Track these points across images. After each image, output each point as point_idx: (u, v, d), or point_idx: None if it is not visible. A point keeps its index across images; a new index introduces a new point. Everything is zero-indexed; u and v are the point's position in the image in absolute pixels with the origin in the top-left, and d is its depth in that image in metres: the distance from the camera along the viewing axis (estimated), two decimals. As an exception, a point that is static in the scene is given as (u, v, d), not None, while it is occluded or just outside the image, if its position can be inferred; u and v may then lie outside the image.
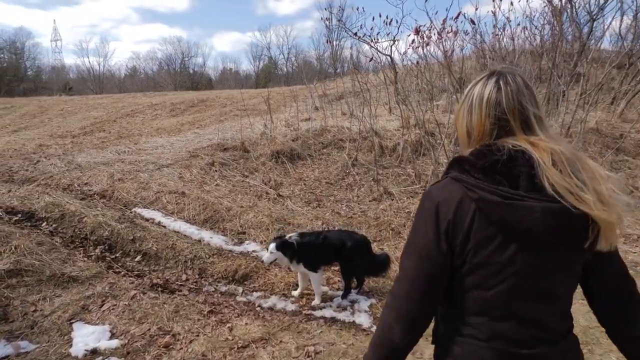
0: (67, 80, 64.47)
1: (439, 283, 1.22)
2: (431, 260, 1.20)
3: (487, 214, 1.12)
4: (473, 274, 1.17)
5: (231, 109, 16.55)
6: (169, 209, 6.32)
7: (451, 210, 1.16)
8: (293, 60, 66.93)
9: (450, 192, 1.19)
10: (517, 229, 1.10)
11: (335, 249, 4.59)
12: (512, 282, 1.15)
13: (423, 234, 1.22)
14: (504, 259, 1.13)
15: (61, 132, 13.05)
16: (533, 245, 1.13)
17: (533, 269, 1.14)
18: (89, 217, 5.60)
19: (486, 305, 1.18)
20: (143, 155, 8.42)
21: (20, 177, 7.23)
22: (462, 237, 1.15)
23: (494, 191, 1.11)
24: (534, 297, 1.16)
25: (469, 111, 1.27)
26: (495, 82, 1.23)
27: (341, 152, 9.03)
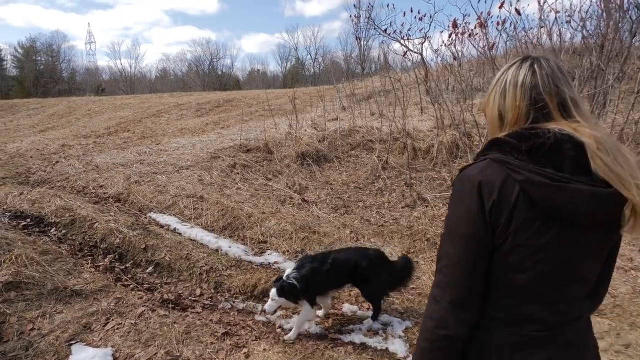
0: (100, 81, 65.98)
1: (485, 265, 1.19)
2: (478, 241, 1.17)
3: (533, 196, 1.10)
4: (510, 256, 1.15)
5: (257, 109, 16.19)
6: (186, 215, 5.90)
7: (495, 191, 1.13)
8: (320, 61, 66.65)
9: (492, 174, 1.15)
10: (562, 212, 1.09)
11: (349, 271, 3.96)
12: (547, 265, 1.14)
13: (467, 217, 1.18)
14: (542, 242, 1.12)
15: (86, 132, 12.93)
16: (573, 229, 1.12)
17: (569, 253, 1.14)
18: (101, 223, 5.22)
19: (519, 288, 1.17)
20: (163, 157, 8.07)
21: (37, 178, 6.96)
22: (506, 218, 1.13)
23: (541, 173, 1.09)
24: (566, 280, 1.17)
25: (502, 94, 1.24)
26: (530, 66, 1.21)
27: (371, 154, 8.47)
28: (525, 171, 1.11)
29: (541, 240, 1.12)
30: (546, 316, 1.18)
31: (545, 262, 1.14)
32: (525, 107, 1.20)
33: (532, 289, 1.17)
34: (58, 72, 63.83)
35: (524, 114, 1.20)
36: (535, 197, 1.10)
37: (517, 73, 1.22)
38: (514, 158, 1.14)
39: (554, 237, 1.12)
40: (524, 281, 1.16)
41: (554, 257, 1.14)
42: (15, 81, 60.86)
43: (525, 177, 1.10)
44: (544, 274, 1.15)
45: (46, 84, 59.74)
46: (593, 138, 1.10)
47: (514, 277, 1.17)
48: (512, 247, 1.15)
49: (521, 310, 1.19)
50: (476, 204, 1.16)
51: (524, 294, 1.18)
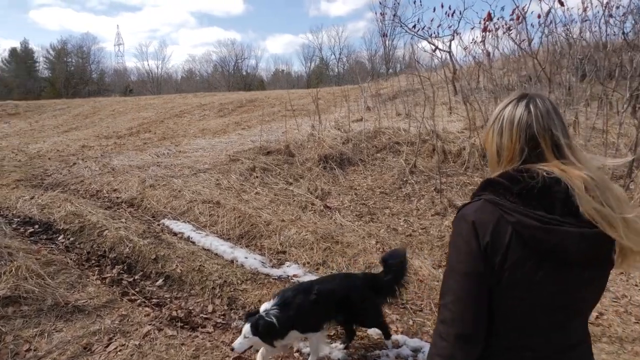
0: (128, 82, 67.08)
1: (485, 300, 1.22)
2: (477, 278, 1.20)
3: (524, 237, 1.15)
4: (508, 291, 1.19)
5: (279, 109, 15.86)
6: (200, 222, 5.56)
7: (488, 232, 1.18)
8: (344, 61, 66.19)
9: (485, 214, 1.20)
10: (553, 252, 1.14)
11: (336, 304, 3.33)
12: (544, 299, 1.19)
13: (465, 254, 1.22)
14: (537, 278, 1.16)
15: (108, 132, 12.84)
16: (565, 267, 1.16)
17: (564, 288, 1.18)
18: (110, 230, 4.93)
19: (520, 321, 1.22)
20: (181, 159, 7.79)
21: (52, 180, 6.76)
22: (500, 257, 1.17)
23: (531, 215, 1.14)
24: (565, 314, 1.22)
25: (499, 133, 1.28)
26: (525, 105, 1.25)
27: (397, 157, 7.99)
28: (516, 213, 1.15)
29: (535, 276, 1.16)
30: (546, 343, 1.23)
31: (542, 296, 1.18)
32: (520, 147, 1.24)
33: (531, 319, 1.21)
34: (87, 73, 65.20)
35: (517, 153, 1.24)
36: (526, 237, 1.14)
37: (514, 112, 1.26)
38: (506, 199, 1.19)
39: (547, 273, 1.16)
40: (523, 312, 1.21)
41: (549, 291, 1.18)
42: (47, 82, 62.40)
43: (517, 219, 1.15)
44: (541, 306, 1.20)
45: (76, 85, 61.05)
46: (581, 179, 1.13)
47: (514, 308, 1.21)
48: (509, 283, 1.18)
49: (522, 338, 1.23)
50: (473, 243, 1.20)
51: (525, 326, 1.23)
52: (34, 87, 59.00)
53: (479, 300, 1.22)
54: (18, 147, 10.75)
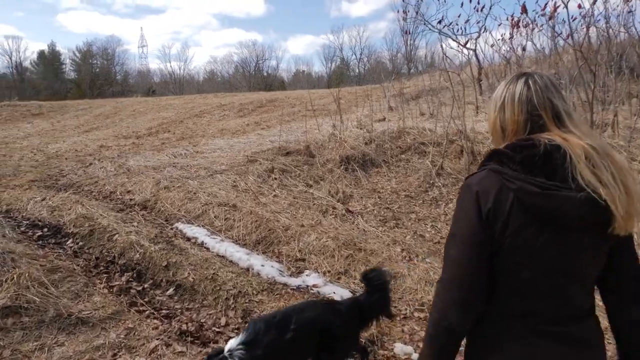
0: (151, 83, 67.95)
1: (484, 266, 1.25)
2: (475, 245, 1.24)
3: (525, 203, 1.18)
4: (510, 257, 1.22)
5: (299, 109, 15.58)
6: (215, 226, 5.28)
7: (490, 199, 1.21)
8: (365, 61, 65.73)
9: (489, 183, 1.24)
10: (553, 217, 1.17)
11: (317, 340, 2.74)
12: (545, 264, 1.21)
13: (466, 222, 1.26)
14: (538, 244, 1.19)
15: (127, 132, 12.75)
16: (565, 231, 1.19)
17: (564, 253, 1.20)
18: (121, 234, 4.68)
19: (521, 286, 1.24)
20: (197, 159, 7.54)
21: (66, 181, 6.59)
22: (501, 224, 1.20)
23: (532, 182, 1.17)
24: (565, 278, 1.23)
25: (502, 109, 1.33)
26: (524, 82, 1.30)
27: (423, 158, 7.58)
28: (518, 180, 1.19)
29: (537, 242, 1.19)
30: (549, 311, 1.24)
31: (543, 262, 1.21)
32: (523, 119, 1.28)
33: (534, 285, 1.23)
34: (112, 75, 66.33)
35: (521, 126, 1.28)
36: (527, 203, 1.18)
37: (514, 89, 1.30)
38: (509, 168, 1.23)
39: (548, 239, 1.19)
40: (525, 279, 1.23)
41: (550, 256, 1.20)
42: (73, 83, 63.67)
43: (518, 186, 1.19)
44: (543, 272, 1.22)
45: (101, 86, 62.12)
46: (581, 147, 1.17)
47: (517, 275, 1.23)
48: (511, 249, 1.22)
49: (523, 303, 1.25)
50: (474, 211, 1.24)
51: (527, 290, 1.24)
52: (61, 89, 60.23)
53: (477, 267, 1.24)
54: (38, 146, 10.72)
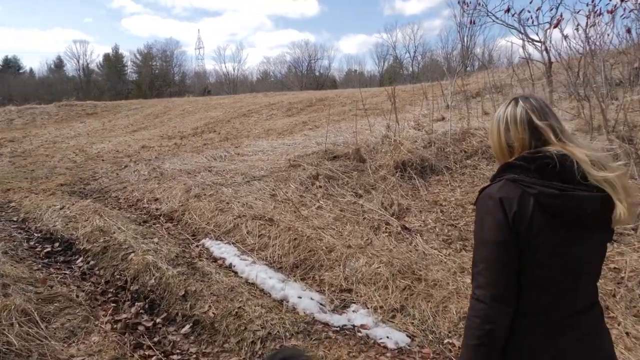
0: (206, 84, 69.51)
1: (516, 265, 1.33)
2: (507, 245, 1.33)
3: (545, 206, 1.30)
4: (533, 255, 1.32)
5: (350, 109, 14.67)
6: (247, 244, 4.51)
7: (514, 204, 1.32)
8: (419, 59, 63.87)
9: (509, 191, 1.35)
10: (571, 216, 1.30)
11: None
12: (563, 261, 1.33)
13: (495, 225, 1.34)
14: (557, 242, 1.32)
15: (172, 132, 12.40)
16: (580, 230, 1.33)
17: (578, 250, 1.34)
18: (137, 253, 4.01)
19: (541, 284, 1.34)
20: (236, 163, 6.85)
21: (94, 186, 6.10)
22: (526, 226, 1.31)
23: (550, 185, 1.31)
24: (579, 273, 1.36)
25: (506, 129, 1.47)
26: (522, 105, 1.46)
27: (492, 165, 6.48)
28: (537, 186, 1.32)
29: (555, 240, 1.31)
30: (564, 305, 1.35)
31: (560, 258, 1.33)
32: (528, 136, 1.42)
33: (552, 282, 1.33)
34: (170, 76, 68.54)
35: (527, 142, 1.42)
36: (547, 206, 1.30)
37: (514, 111, 1.46)
38: (525, 176, 1.35)
39: (565, 237, 1.32)
40: (545, 275, 1.33)
41: (566, 254, 1.33)
42: (134, 84, 66.33)
43: (538, 191, 1.31)
44: (561, 269, 1.33)
45: (159, 87, 64.26)
46: (584, 154, 1.33)
47: (538, 272, 1.33)
48: (534, 248, 1.32)
49: (545, 300, 1.34)
50: (502, 215, 1.32)
51: (545, 287, 1.34)
52: (123, 89, 62.88)
53: (508, 265, 1.33)
54: (82, 146, 10.54)
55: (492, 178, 1.45)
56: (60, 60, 68.20)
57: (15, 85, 55.58)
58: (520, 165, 1.37)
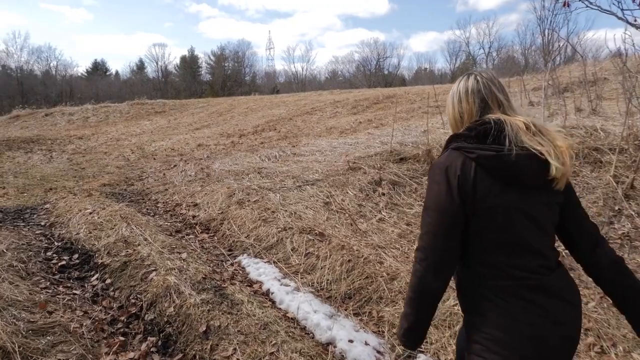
0: (276, 84, 70.65)
1: (457, 232, 1.40)
2: (448, 212, 1.39)
3: (486, 167, 1.37)
4: (482, 218, 1.38)
5: (420, 106, 13.52)
6: (291, 264, 3.73)
7: (458, 169, 1.39)
8: (494, 56, 60.49)
9: (453, 159, 1.42)
10: (509, 175, 1.36)
11: None
12: (514, 220, 1.37)
13: (437, 192, 1.42)
14: (505, 202, 1.36)
15: (232, 130, 12.01)
16: (525, 190, 1.38)
17: (528, 209, 1.38)
18: (159, 272, 3.36)
19: (497, 243, 1.39)
20: (289, 164, 6.12)
21: (137, 188, 5.68)
22: (471, 189, 1.37)
23: (487, 148, 1.38)
24: (533, 232, 1.39)
25: (459, 101, 1.55)
26: (474, 78, 1.55)
27: (599, 172, 5.21)
28: (476, 150, 1.39)
29: (503, 201, 1.36)
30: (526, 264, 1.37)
31: (513, 218, 1.36)
32: (476, 107, 1.51)
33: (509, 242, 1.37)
34: (241, 76, 70.47)
35: (475, 112, 1.51)
36: (487, 167, 1.37)
37: (467, 84, 1.54)
38: (467, 144, 1.42)
39: (510, 198, 1.36)
40: (499, 236, 1.37)
41: (516, 214, 1.36)
42: (207, 85, 68.86)
43: (477, 154, 1.38)
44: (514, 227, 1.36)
45: (231, 87, 66.18)
46: (520, 122, 1.41)
47: (489, 234, 1.38)
48: (482, 211, 1.37)
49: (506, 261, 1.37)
50: (445, 183, 1.40)
51: (504, 247, 1.38)
52: (197, 90, 65.40)
53: (450, 233, 1.39)
54: (142, 144, 10.39)
55: (442, 150, 1.53)
56: (141, 62, 72.49)
57: (102, 86, 59.72)
58: (464, 134, 1.45)
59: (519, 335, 1.33)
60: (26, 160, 8.95)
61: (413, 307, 1.47)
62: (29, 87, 59.14)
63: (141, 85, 62.04)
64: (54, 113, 20.01)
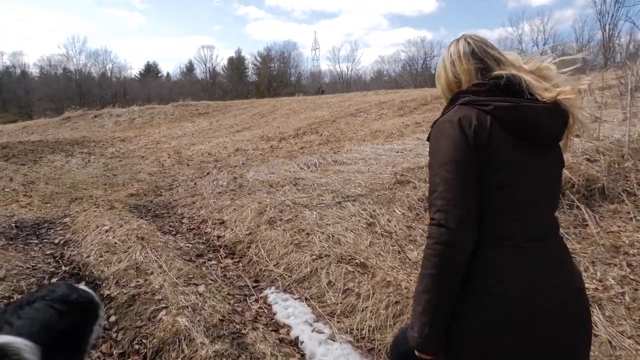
0: (321, 84, 70.60)
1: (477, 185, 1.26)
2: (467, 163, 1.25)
3: (502, 119, 1.27)
4: (494, 175, 1.26)
5: (473, 107, 12.58)
6: (326, 303, 3.12)
7: (474, 120, 1.27)
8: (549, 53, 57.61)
9: (465, 111, 1.30)
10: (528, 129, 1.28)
11: None
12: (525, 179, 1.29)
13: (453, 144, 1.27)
14: (519, 158, 1.28)
15: (274, 133, 11.57)
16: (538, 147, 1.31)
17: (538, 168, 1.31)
18: (170, 310, 2.85)
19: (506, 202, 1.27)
20: (329, 174, 5.52)
21: (164, 199, 5.28)
22: (486, 140, 1.26)
23: (504, 99, 1.30)
24: (540, 194, 1.32)
25: (452, 64, 1.47)
26: (464, 41, 1.48)
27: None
28: (491, 101, 1.29)
29: (515, 157, 1.27)
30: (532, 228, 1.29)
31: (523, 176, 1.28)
32: (473, 67, 1.42)
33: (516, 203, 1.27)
34: (287, 77, 71.02)
35: (473, 73, 1.42)
36: (504, 119, 1.27)
37: (457, 47, 1.47)
38: (479, 97, 1.33)
39: (524, 154, 1.28)
40: (508, 196, 1.27)
41: (528, 171, 1.29)
42: (253, 85, 69.82)
43: (493, 106, 1.28)
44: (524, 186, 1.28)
45: (277, 87, 66.75)
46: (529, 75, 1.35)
47: (501, 192, 1.27)
48: (495, 166, 1.26)
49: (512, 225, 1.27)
50: (459, 133, 1.27)
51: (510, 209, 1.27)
52: (243, 90, 66.39)
53: (470, 185, 1.25)
54: (180, 148, 10.14)
55: (444, 110, 1.42)
56: (190, 64, 74.47)
57: (153, 88, 61.82)
58: (473, 90, 1.36)
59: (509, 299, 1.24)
60: (63, 164, 8.88)
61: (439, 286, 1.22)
62: (86, 89, 62.10)
63: (190, 86, 63.66)
64: (102, 114, 20.44)
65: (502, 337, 1.22)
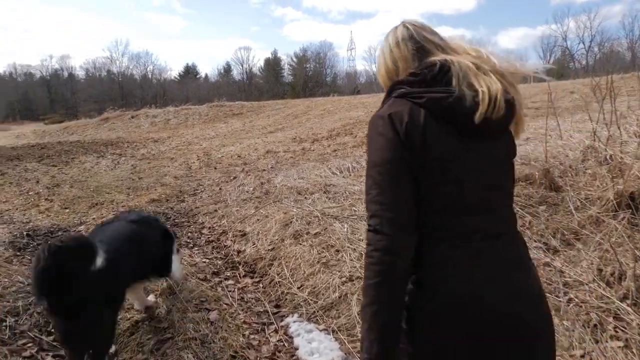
0: (357, 84, 70.13)
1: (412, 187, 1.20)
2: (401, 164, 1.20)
3: (435, 111, 1.20)
4: (434, 170, 1.21)
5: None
6: (356, 337, 2.67)
7: (405, 117, 1.21)
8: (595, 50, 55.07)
9: (398, 106, 1.24)
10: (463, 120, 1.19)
11: None
12: (468, 174, 1.22)
13: (386, 145, 1.21)
14: (457, 152, 1.20)
15: (306, 134, 11.19)
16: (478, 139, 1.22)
17: (482, 161, 1.24)
18: (177, 343, 2.46)
19: (450, 199, 1.21)
20: (363, 180, 5.05)
21: (184, 206, 5.01)
22: (419, 137, 1.20)
23: (437, 90, 1.22)
24: (489, 189, 1.25)
25: (391, 51, 1.39)
26: (403, 26, 1.41)
27: None
28: (424, 94, 1.22)
29: (453, 150, 1.19)
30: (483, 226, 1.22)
31: (465, 170, 1.21)
32: (410, 54, 1.35)
33: (464, 200, 1.21)
34: (322, 77, 71.00)
35: (410, 60, 1.34)
36: (438, 111, 1.20)
37: (395, 33, 1.40)
38: (412, 89, 1.25)
39: (463, 147, 1.20)
40: (451, 192, 1.20)
41: (470, 165, 1.21)
42: (289, 86, 70.15)
43: (427, 98, 1.21)
44: (469, 184, 1.21)
45: (312, 88, 66.77)
46: (470, 61, 1.26)
47: (443, 189, 1.20)
48: (434, 162, 1.19)
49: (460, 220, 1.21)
50: (391, 133, 1.21)
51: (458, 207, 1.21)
52: (279, 91, 66.79)
53: (405, 187, 1.20)
54: (210, 149, 9.91)
55: (382, 102, 1.36)
56: (228, 65, 75.57)
57: (192, 89, 63.07)
58: (408, 80, 1.29)
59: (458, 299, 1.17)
60: (93, 166, 8.81)
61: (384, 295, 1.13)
62: (128, 90, 64.14)
63: (227, 87, 64.56)
64: (139, 115, 20.68)
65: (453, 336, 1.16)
